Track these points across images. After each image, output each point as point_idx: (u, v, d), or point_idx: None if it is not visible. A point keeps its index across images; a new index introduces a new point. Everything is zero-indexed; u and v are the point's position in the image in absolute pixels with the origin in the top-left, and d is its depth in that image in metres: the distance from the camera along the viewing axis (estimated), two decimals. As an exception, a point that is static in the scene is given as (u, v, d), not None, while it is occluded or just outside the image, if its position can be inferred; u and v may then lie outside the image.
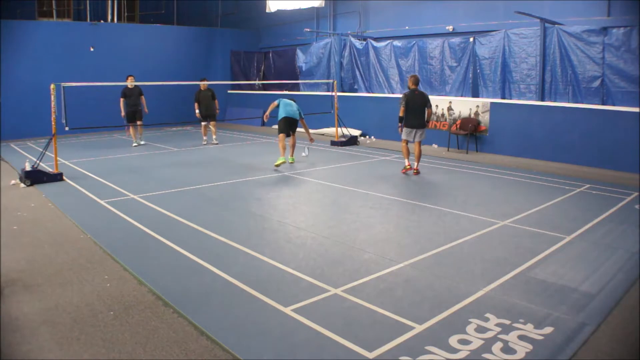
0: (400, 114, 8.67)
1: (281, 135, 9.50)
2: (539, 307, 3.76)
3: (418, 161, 8.83)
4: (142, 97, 12.32)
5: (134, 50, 16.81)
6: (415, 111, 8.65)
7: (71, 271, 4.50)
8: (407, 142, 8.89)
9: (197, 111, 12.75)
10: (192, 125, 17.36)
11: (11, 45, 14.38)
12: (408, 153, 8.93)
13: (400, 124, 8.78)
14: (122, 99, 12.02)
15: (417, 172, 8.77)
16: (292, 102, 9.92)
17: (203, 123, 13.07)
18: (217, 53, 19.05)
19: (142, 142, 12.54)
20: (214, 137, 13.21)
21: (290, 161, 9.96)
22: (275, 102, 9.86)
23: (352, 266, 4.59)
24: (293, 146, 10.01)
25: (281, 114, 9.63)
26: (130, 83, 11.83)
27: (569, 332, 3.40)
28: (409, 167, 8.82)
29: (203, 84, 12.80)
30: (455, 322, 3.52)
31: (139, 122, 12.20)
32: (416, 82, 8.74)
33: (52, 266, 4.62)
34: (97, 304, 3.84)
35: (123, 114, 12.01)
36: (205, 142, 13.05)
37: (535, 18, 10.65)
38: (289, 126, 9.65)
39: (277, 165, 9.27)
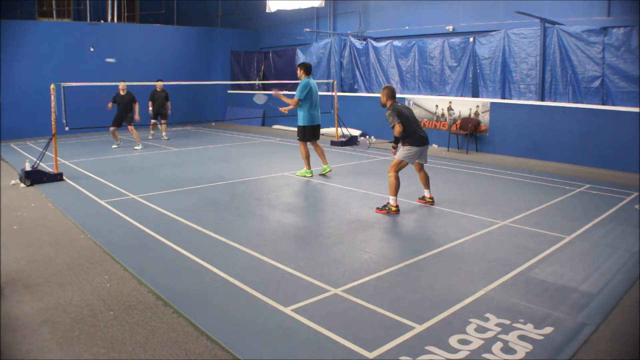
0: (397, 134, 6.29)
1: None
2: (539, 307, 3.76)
3: (429, 186, 6.87)
4: (136, 104, 12.14)
5: (134, 50, 16.81)
6: (417, 123, 6.57)
7: (71, 271, 4.50)
8: (398, 170, 6.44)
9: (150, 109, 13.58)
10: (191, 125, 17.40)
11: (11, 45, 14.38)
12: (399, 186, 6.42)
13: (394, 145, 6.46)
14: (110, 104, 11.99)
15: (433, 202, 6.83)
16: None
17: (153, 121, 13.83)
18: (217, 53, 19.06)
19: (138, 147, 12.19)
20: (163, 133, 14.08)
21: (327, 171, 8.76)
22: (296, 99, 8.28)
23: (352, 266, 4.59)
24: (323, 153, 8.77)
25: (307, 119, 8.39)
26: (122, 88, 11.83)
27: (569, 332, 3.40)
28: (395, 207, 6.36)
29: (159, 84, 13.51)
30: (455, 322, 3.52)
31: (130, 126, 12.08)
32: (395, 94, 6.58)
33: (52, 266, 4.62)
34: (97, 304, 3.84)
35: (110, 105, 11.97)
36: (151, 137, 13.86)
37: (535, 18, 10.65)
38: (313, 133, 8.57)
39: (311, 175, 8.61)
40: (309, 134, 8.48)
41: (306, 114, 8.38)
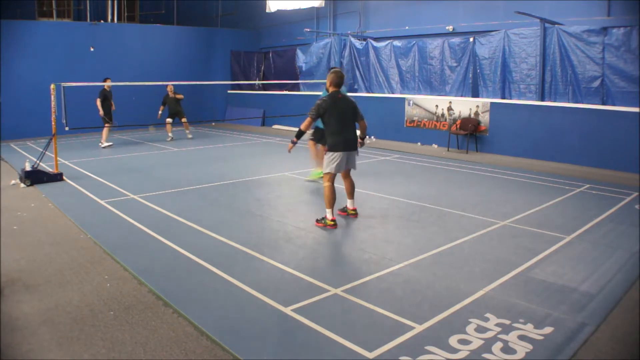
0: (304, 128, 5.61)
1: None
2: (539, 307, 3.76)
3: (353, 196, 6.20)
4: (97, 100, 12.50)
5: (134, 50, 16.81)
6: (349, 123, 5.78)
7: (71, 271, 4.49)
8: (333, 178, 5.81)
9: (159, 112, 13.86)
10: (192, 125, 17.35)
11: (11, 45, 14.38)
12: (335, 198, 5.77)
13: (295, 140, 5.66)
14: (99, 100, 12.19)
15: (356, 214, 6.17)
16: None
17: (169, 120, 13.80)
18: (217, 53, 19.05)
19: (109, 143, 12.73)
20: (187, 131, 14.10)
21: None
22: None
23: (352, 266, 4.59)
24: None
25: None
26: (107, 85, 11.99)
27: (569, 332, 3.40)
28: (332, 222, 5.70)
29: (170, 90, 13.65)
30: (455, 322, 3.52)
31: (108, 125, 12.39)
32: (340, 82, 5.76)
33: (52, 266, 4.62)
34: (97, 304, 3.84)
35: (101, 112, 12.25)
36: (169, 139, 13.67)
37: (535, 18, 10.65)
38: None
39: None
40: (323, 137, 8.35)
41: None
